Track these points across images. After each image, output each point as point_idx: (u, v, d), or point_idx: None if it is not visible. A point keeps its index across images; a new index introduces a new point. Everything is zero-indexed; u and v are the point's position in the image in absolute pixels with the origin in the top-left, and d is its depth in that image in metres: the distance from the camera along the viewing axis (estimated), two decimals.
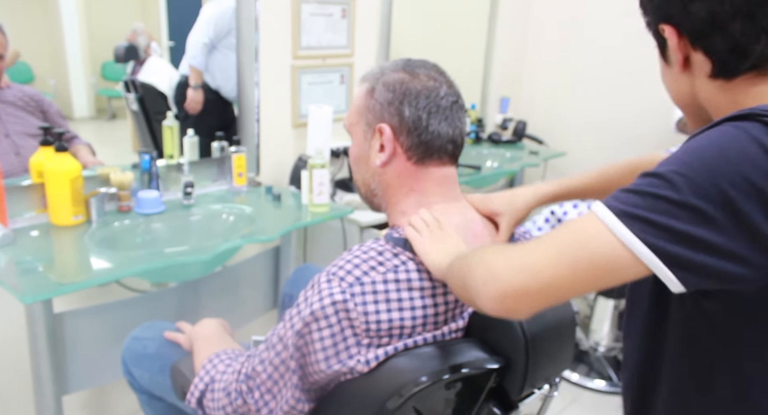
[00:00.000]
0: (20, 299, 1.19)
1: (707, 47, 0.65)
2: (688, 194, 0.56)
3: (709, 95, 0.68)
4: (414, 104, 0.89)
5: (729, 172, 0.55)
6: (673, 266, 0.57)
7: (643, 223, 0.57)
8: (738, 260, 0.56)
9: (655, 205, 0.57)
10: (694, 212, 0.55)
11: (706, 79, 0.67)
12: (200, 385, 0.98)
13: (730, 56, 0.64)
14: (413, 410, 0.81)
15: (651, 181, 0.59)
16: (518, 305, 0.64)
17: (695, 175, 0.56)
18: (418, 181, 0.92)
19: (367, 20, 2.31)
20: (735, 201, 0.54)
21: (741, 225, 0.55)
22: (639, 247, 0.57)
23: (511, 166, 2.67)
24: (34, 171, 1.57)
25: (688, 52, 0.67)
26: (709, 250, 0.56)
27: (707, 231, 0.55)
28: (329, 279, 0.82)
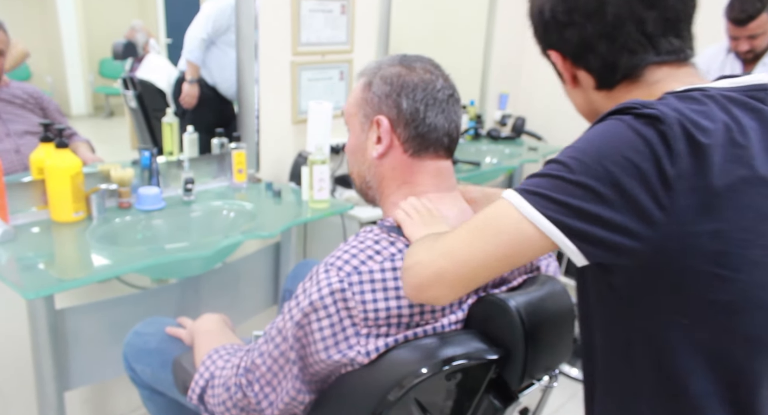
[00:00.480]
0: (23, 294, 1.20)
1: (586, 65, 0.76)
2: (580, 174, 0.64)
3: (600, 104, 0.78)
4: (411, 96, 0.90)
5: (612, 154, 0.63)
6: (573, 237, 0.65)
7: (543, 199, 0.65)
8: (627, 232, 0.63)
9: (553, 184, 0.66)
10: (586, 190, 0.64)
11: (594, 91, 0.78)
12: (200, 381, 0.99)
13: (604, 71, 0.75)
14: (414, 401, 0.82)
15: (551, 165, 0.68)
16: (436, 288, 0.71)
17: (585, 158, 0.65)
18: (413, 174, 0.93)
19: (366, 16, 2.32)
20: (619, 178, 0.62)
21: (626, 200, 0.62)
22: (541, 220, 0.65)
23: (511, 163, 2.67)
24: (34, 167, 1.57)
25: (574, 71, 0.78)
26: (602, 223, 0.63)
27: (599, 207, 0.63)
28: (327, 270, 0.83)
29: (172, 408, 1.29)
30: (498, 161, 2.73)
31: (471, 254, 0.69)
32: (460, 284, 0.71)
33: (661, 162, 0.62)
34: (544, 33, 0.79)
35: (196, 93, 1.99)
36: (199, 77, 2.00)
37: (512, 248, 0.67)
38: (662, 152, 0.62)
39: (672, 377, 0.69)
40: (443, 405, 0.87)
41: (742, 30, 2.26)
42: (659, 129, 0.63)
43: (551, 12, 0.76)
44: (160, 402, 1.29)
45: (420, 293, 0.73)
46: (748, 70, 2.38)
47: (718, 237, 0.63)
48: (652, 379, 0.71)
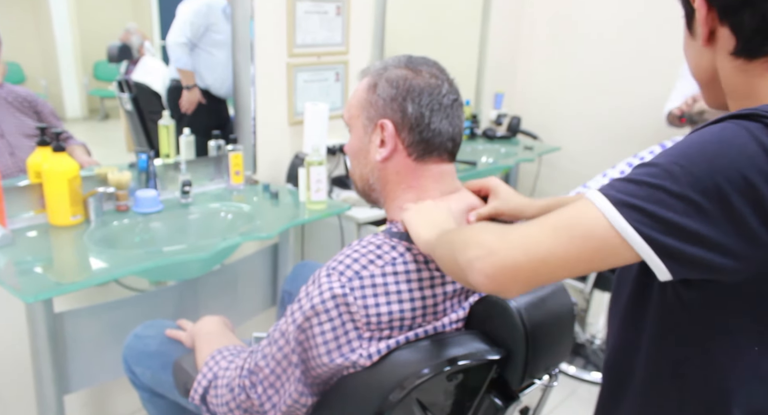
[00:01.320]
0: (22, 298, 1.20)
1: (735, 23, 0.64)
2: (685, 186, 0.57)
3: (728, 73, 0.68)
4: (417, 101, 0.90)
5: (727, 168, 0.56)
6: (664, 255, 0.58)
7: (637, 212, 0.58)
8: (726, 252, 0.57)
9: (651, 195, 0.58)
10: (689, 204, 0.57)
11: (728, 57, 0.67)
12: (203, 382, 0.99)
13: (756, 35, 0.63)
14: (416, 402, 0.83)
15: (649, 170, 0.60)
16: (510, 281, 0.65)
17: (694, 168, 0.57)
18: (416, 178, 0.93)
19: (361, 18, 2.32)
20: (729, 196, 0.56)
21: (732, 220, 0.56)
22: (632, 235, 0.58)
23: (506, 162, 2.68)
24: (31, 171, 1.57)
25: (714, 26, 0.66)
26: (699, 242, 0.57)
27: (699, 223, 0.57)
28: (329, 274, 0.83)
29: (172, 410, 1.29)
30: (494, 161, 2.74)
31: (551, 253, 0.63)
32: (535, 281, 0.66)
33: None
34: None
35: (197, 98, 1.99)
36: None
37: (596, 255, 0.62)
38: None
39: (721, 405, 0.67)
40: (445, 405, 0.88)
41: None
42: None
43: None
44: (161, 404, 1.29)
45: (491, 283, 0.67)
46: None
47: None
48: (703, 394, 0.69)
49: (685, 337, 0.68)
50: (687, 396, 0.69)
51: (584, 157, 3.01)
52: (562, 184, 3.05)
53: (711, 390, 0.67)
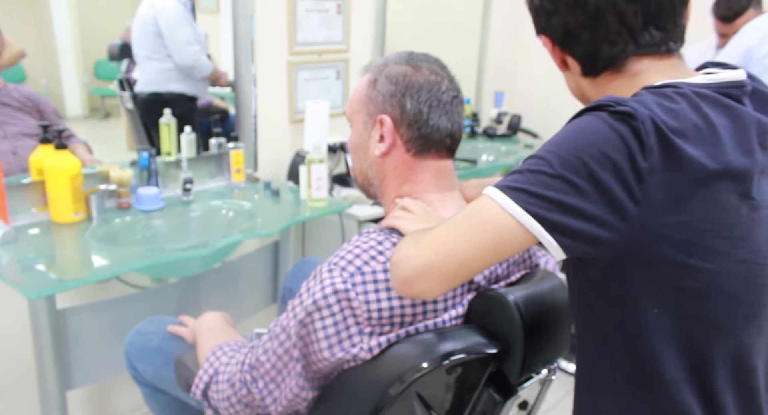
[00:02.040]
0: (25, 294, 1.21)
1: (571, 52, 0.79)
2: (558, 168, 0.67)
3: (587, 89, 0.82)
4: (416, 97, 0.90)
5: (588, 147, 0.66)
6: (552, 230, 0.67)
7: (523, 193, 0.67)
8: (602, 224, 0.66)
9: (533, 179, 0.68)
10: (565, 183, 0.66)
11: (580, 77, 0.81)
12: (204, 377, 1.00)
13: (587, 59, 0.78)
14: (415, 395, 0.83)
15: (530, 161, 0.70)
16: (424, 283, 0.73)
17: (563, 152, 0.67)
18: (414, 173, 0.94)
19: (362, 16, 2.33)
20: (595, 171, 0.65)
21: (602, 193, 0.65)
22: (521, 214, 0.67)
23: (507, 160, 2.69)
24: (34, 169, 1.58)
25: (562, 56, 0.81)
26: (579, 215, 0.66)
27: (577, 199, 0.66)
28: (330, 269, 0.84)
29: (174, 406, 1.30)
30: (494, 159, 2.75)
31: (456, 246, 0.71)
32: (446, 277, 0.72)
33: (635, 157, 0.64)
34: (536, 18, 0.82)
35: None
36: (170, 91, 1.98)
37: (495, 241, 0.69)
38: (635, 147, 0.65)
39: (645, 364, 0.72)
40: (444, 399, 0.88)
41: (730, 27, 2.28)
42: (632, 125, 0.65)
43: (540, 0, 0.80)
44: (163, 400, 1.30)
45: (407, 287, 0.74)
46: None
47: (684, 228, 0.66)
48: (626, 367, 0.74)
49: (602, 313, 0.75)
50: (618, 368, 0.75)
51: None
52: None
53: (634, 357, 0.73)
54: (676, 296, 0.69)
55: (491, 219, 0.69)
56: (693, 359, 0.71)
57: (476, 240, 0.70)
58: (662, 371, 0.71)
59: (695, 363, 0.71)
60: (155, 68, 1.91)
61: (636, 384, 0.74)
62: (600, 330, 0.76)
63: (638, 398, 0.74)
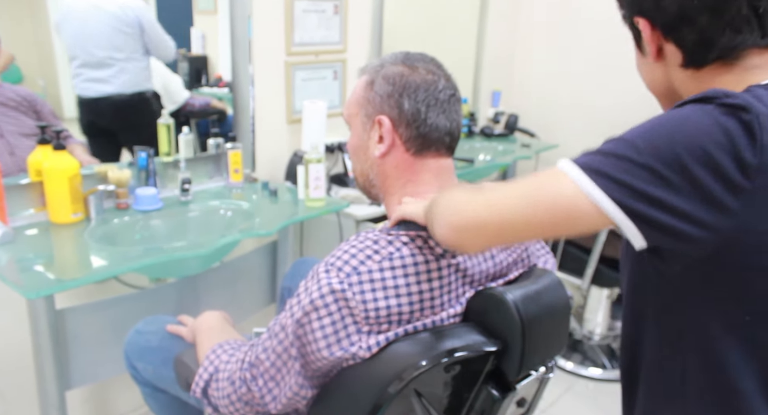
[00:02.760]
0: (24, 294, 1.21)
1: (677, 39, 0.71)
2: (648, 156, 0.61)
3: (682, 83, 0.74)
4: (413, 97, 0.91)
5: (686, 141, 0.60)
6: (635, 217, 0.61)
7: (605, 178, 0.62)
8: (693, 221, 0.60)
9: (617, 164, 0.62)
10: (652, 173, 0.60)
11: (679, 69, 0.73)
12: (204, 375, 1.00)
13: (697, 47, 0.70)
14: (414, 393, 0.84)
15: (615, 143, 0.64)
16: (473, 237, 0.69)
17: (656, 141, 0.61)
18: (415, 173, 0.95)
19: (359, 16, 2.33)
20: (690, 166, 0.59)
21: (695, 188, 0.59)
22: (602, 199, 0.61)
23: (504, 160, 2.69)
24: (32, 169, 1.58)
25: (660, 43, 0.73)
26: (666, 209, 0.60)
27: (664, 192, 0.60)
28: (327, 270, 0.85)
29: (173, 405, 1.30)
30: (491, 158, 2.76)
31: (519, 215, 0.65)
32: (498, 239, 0.69)
33: (741, 154, 0.59)
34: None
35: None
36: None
37: (561, 218, 0.64)
38: (744, 143, 0.59)
39: (721, 373, 0.69)
40: (443, 396, 0.89)
41: None
42: (743, 119, 0.59)
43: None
44: (162, 399, 1.30)
45: (455, 234, 0.69)
46: None
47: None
48: (700, 374, 0.71)
49: (678, 314, 0.71)
50: (690, 375, 0.71)
51: None
52: None
53: (710, 364, 0.69)
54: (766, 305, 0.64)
55: (563, 197, 0.63)
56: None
57: (540, 213, 0.64)
58: (740, 383, 0.67)
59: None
60: (136, 67, 1.89)
61: (707, 392, 0.70)
62: (671, 333, 0.72)
63: (708, 408, 0.70)
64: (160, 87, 1.98)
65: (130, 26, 1.84)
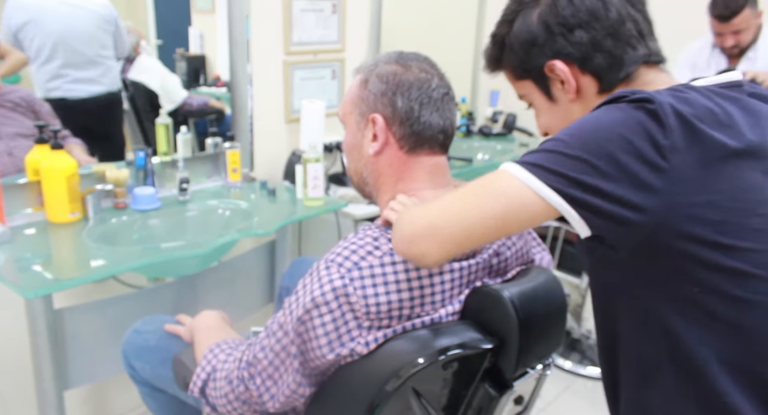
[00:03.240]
0: (22, 294, 1.21)
1: (593, 67, 0.79)
2: (577, 150, 0.67)
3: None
4: (406, 95, 0.92)
5: (606, 132, 0.67)
6: (575, 204, 0.67)
7: (544, 170, 0.68)
8: (628, 205, 0.66)
9: (552, 158, 0.68)
10: (584, 163, 0.66)
11: (595, 98, 0.80)
12: (202, 374, 1.00)
13: (610, 69, 0.79)
14: (411, 391, 0.84)
15: (547, 143, 0.71)
16: (427, 244, 0.73)
17: (581, 135, 0.69)
18: (408, 170, 0.95)
19: (357, 15, 2.33)
20: (614, 153, 0.66)
21: (623, 173, 0.65)
22: (543, 188, 0.67)
23: (502, 159, 2.70)
24: (30, 169, 1.58)
25: (578, 78, 0.81)
26: (602, 196, 0.66)
27: (597, 179, 0.66)
28: (328, 266, 0.85)
29: (172, 405, 1.30)
30: (490, 158, 2.76)
31: (467, 213, 0.71)
32: (452, 242, 0.72)
33: (655, 137, 0.65)
34: (549, 42, 0.80)
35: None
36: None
37: (510, 212, 0.69)
38: (654, 128, 0.65)
39: (684, 349, 0.71)
40: (440, 394, 0.89)
41: (727, 26, 2.29)
42: (650, 109, 0.66)
43: (557, 17, 0.79)
44: (160, 399, 1.30)
45: (409, 246, 0.74)
46: (733, 65, 2.42)
47: (714, 207, 0.66)
48: (667, 353, 0.73)
49: (638, 297, 0.75)
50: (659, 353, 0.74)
51: None
52: None
53: (670, 338, 0.72)
54: (716, 277, 0.68)
55: (507, 191, 0.69)
56: (742, 345, 0.70)
57: (487, 209, 0.70)
58: (706, 357, 0.70)
59: (745, 349, 0.70)
60: (115, 66, 1.88)
61: (680, 373, 0.73)
62: (635, 317, 0.76)
63: (683, 388, 0.73)
64: (158, 86, 1.98)
65: (110, 24, 1.83)
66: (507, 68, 0.89)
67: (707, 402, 0.71)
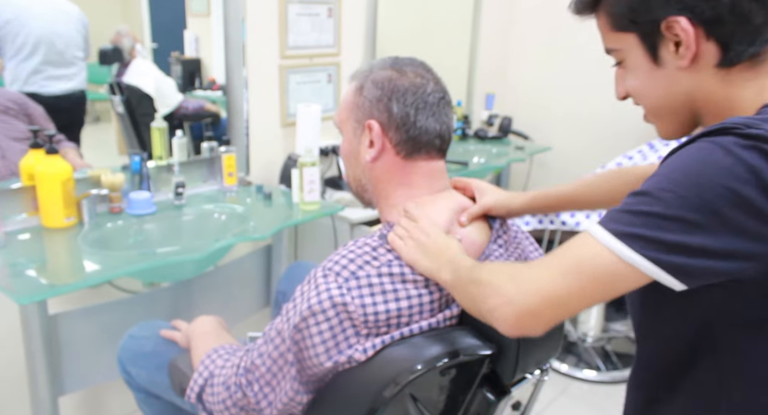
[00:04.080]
0: (16, 300, 1.20)
1: (722, 34, 0.67)
2: (676, 208, 0.60)
3: (709, 88, 0.70)
4: (402, 101, 0.91)
5: (711, 184, 0.59)
6: (673, 273, 0.62)
7: (638, 239, 0.62)
8: (733, 257, 0.61)
9: (647, 221, 0.62)
10: (684, 223, 0.60)
11: (710, 71, 0.69)
12: (199, 380, 1.00)
13: (742, 39, 0.67)
14: (409, 397, 0.84)
15: (640, 199, 0.64)
16: (533, 324, 0.70)
17: (680, 190, 0.61)
18: (406, 175, 0.95)
19: (352, 19, 2.34)
20: (720, 209, 0.59)
21: (730, 228, 0.59)
22: (639, 261, 0.62)
23: (498, 162, 2.70)
24: (24, 174, 1.57)
25: (700, 44, 0.68)
26: (704, 254, 0.60)
27: (700, 237, 0.60)
28: (325, 274, 0.84)
29: (167, 411, 1.29)
30: (485, 161, 2.76)
31: (567, 295, 0.67)
32: (555, 320, 0.70)
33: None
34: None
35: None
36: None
37: (607, 287, 0.66)
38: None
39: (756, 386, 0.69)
40: (438, 400, 0.89)
41: None
42: (765, 150, 0.58)
43: None
44: (156, 405, 1.30)
45: (516, 329, 0.71)
46: None
47: None
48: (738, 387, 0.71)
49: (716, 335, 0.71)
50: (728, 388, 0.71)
51: (575, 156, 3.03)
52: (553, 183, 3.07)
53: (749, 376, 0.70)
54: None
55: (604, 269, 0.64)
56: None
57: (587, 289, 0.66)
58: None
59: None
60: (84, 66, 1.88)
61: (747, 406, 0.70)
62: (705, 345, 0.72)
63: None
64: (153, 90, 1.98)
65: (85, 28, 1.84)
66: (607, 13, 0.74)
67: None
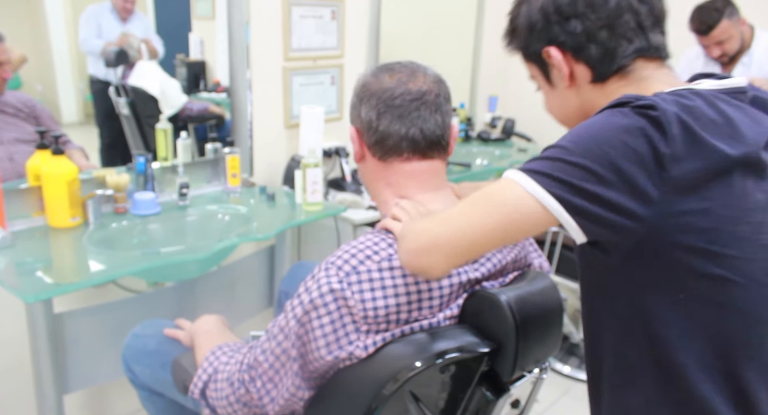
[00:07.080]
0: (22, 298, 1.22)
1: (586, 57, 0.80)
2: (579, 156, 0.68)
3: (592, 100, 0.82)
4: (368, 105, 0.95)
5: (609, 138, 0.68)
6: (573, 212, 0.68)
7: (546, 177, 0.69)
8: (625, 212, 0.67)
9: (554, 166, 0.69)
10: (586, 171, 0.67)
11: (588, 87, 0.82)
12: (203, 376, 1.01)
13: (603, 60, 0.80)
14: (409, 394, 0.85)
15: (550, 150, 0.72)
16: (432, 257, 0.74)
17: (584, 142, 0.69)
18: (388, 176, 0.98)
19: (356, 22, 2.35)
20: (616, 160, 0.66)
21: (624, 181, 0.66)
22: (545, 195, 0.68)
23: (501, 164, 2.71)
24: (31, 174, 1.59)
25: (572, 66, 0.82)
26: (601, 202, 0.67)
27: (598, 186, 0.67)
28: (327, 268, 0.86)
29: (171, 409, 1.31)
30: (488, 163, 2.77)
31: (470, 223, 0.72)
32: (456, 253, 0.74)
33: (656, 145, 0.66)
34: (546, 29, 0.82)
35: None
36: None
37: (512, 221, 0.71)
38: (657, 136, 0.66)
39: (669, 354, 0.72)
40: (437, 397, 0.90)
41: (707, 39, 2.32)
42: (653, 116, 0.67)
43: (555, 5, 0.80)
44: (160, 403, 1.31)
45: (415, 259, 0.75)
46: (728, 71, 2.44)
47: (707, 215, 0.67)
48: (649, 358, 0.74)
49: (626, 302, 0.75)
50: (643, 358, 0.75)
51: None
52: None
53: (656, 343, 0.73)
54: (702, 283, 0.69)
55: (511, 200, 0.70)
56: (721, 349, 0.71)
57: (492, 219, 0.71)
58: (686, 361, 0.71)
59: (723, 352, 0.71)
60: None
61: (661, 377, 0.74)
62: (621, 321, 0.77)
63: (663, 391, 0.74)
64: (158, 92, 1.99)
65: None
66: (516, 49, 0.91)
67: (687, 406, 0.73)
